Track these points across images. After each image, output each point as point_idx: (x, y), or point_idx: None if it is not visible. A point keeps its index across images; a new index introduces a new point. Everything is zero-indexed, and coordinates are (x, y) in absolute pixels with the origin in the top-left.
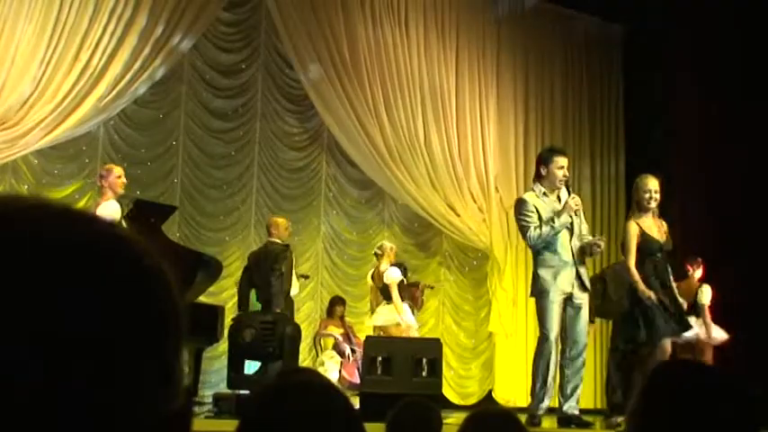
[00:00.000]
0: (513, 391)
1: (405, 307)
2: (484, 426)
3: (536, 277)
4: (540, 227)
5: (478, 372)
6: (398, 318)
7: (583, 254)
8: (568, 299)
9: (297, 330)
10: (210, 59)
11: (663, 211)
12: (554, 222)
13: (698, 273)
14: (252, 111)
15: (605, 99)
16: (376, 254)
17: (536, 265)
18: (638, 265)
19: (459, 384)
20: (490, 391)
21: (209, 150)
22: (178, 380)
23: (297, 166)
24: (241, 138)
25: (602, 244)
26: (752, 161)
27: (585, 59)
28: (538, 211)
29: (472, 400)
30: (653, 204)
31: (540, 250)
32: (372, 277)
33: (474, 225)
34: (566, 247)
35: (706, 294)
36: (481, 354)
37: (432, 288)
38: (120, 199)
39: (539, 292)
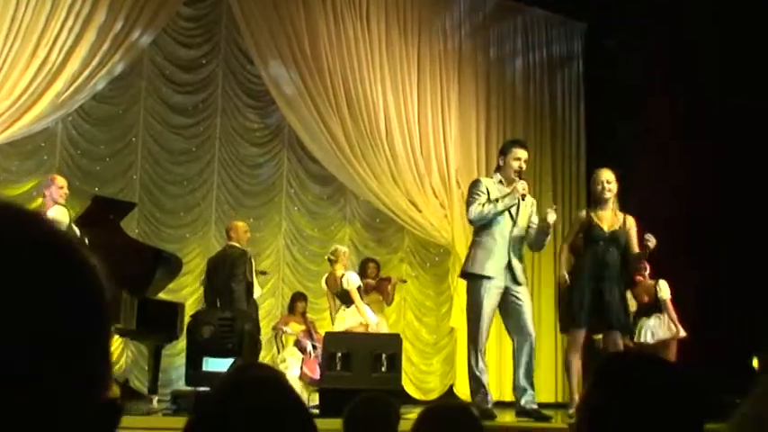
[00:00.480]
0: None
1: (366, 308)
2: (439, 420)
3: (470, 257)
4: (484, 204)
5: (440, 367)
6: (362, 320)
7: (538, 242)
8: (505, 292)
9: (256, 327)
10: (170, 55)
11: (623, 208)
12: (497, 202)
13: (646, 271)
14: (212, 106)
15: (567, 96)
16: (330, 259)
17: (471, 245)
18: (581, 251)
19: (421, 380)
20: (451, 386)
21: (169, 146)
22: (106, 373)
23: (258, 162)
24: (201, 134)
25: (553, 214)
26: (715, 159)
27: (547, 56)
28: (488, 193)
29: (433, 395)
30: (607, 195)
31: (479, 232)
32: (327, 282)
33: (436, 221)
34: (504, 236)
35: (664, 289)
36: (442, 349)
37: (404, 282)
38: (80, 195)
39: (471, 274)
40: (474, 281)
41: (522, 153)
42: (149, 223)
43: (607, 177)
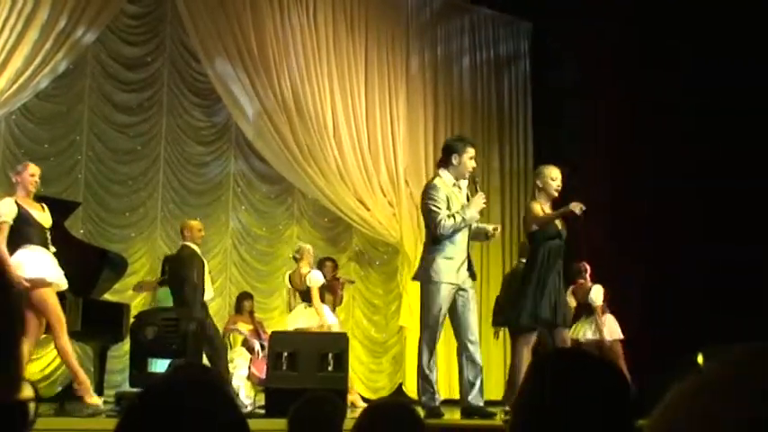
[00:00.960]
0: None
1: (325, 308)
2: (381, 418)
3: (429, 262)
4: (454, 217)
5: (389, 366)
6: (320, 320)
7: (474, 238)
8: (457, 292)
9: (200, 327)
10: (115, 52)
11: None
12: (465, 215)
13: (587, 273)
14: (157, 105)
15: (514, 94)
16: (294, 257)
17: (431, 251)
18: (539, 246)
19: (370, 379)
20: (400, 385)
21: (114, 145)
22: (15, 374)
23: (204, 160)
24: (146, 132)
25: (496, 233)
26: (657, 157)
27: (494, 55)
28: (448, 201)
29: (383, 394)
30: (556, 192)
31: (440, 240)
32: (291, 279)
33: (384, 219)
34: (464, 242)
35: (597, 294)
36: (391, 348)
37: (353, 283)
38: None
39: (428, 279)
40: (429, 284)
41: (473, 152)
42: (94, 223)
43: (558, 174)
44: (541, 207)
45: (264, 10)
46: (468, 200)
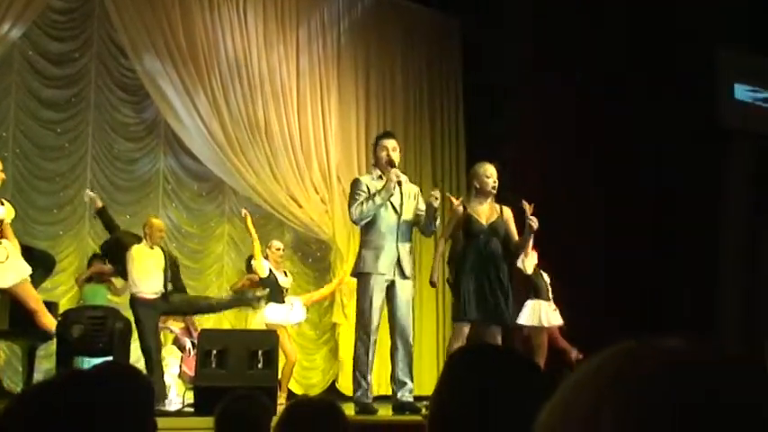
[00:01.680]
0: None
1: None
2: (302, 415)
3: (359, 257)
4: (363, 203)
5: (322, 362)
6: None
7: (431, 222)
8: (391, 285)
9: (127, 325)
10: (42, 48)
11: (499, 200)
12: (375, 197)
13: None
14: (85, 101)
15: (445, 90)
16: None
17: (361, 244)
18: (464, 247)
19: (303, 375)
20: (334, 382)
21: (41, 142)
22: None
23: (133, 157)
24: (74, 129)
25: (437, 197)
26: (591, 154)
27: (426, 50)
28: (369, 192)
29: (316, 391)
30: (493, 189)
31: (366, 231)
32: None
33: (316, 216)
34: (391, 230)
35: (528, 263)
36: (325, 345)
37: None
38: None
39: (360, 271)
40: (364, 278)
41: (389, 143)
42: (20, 220)
43: (492, 171)
44: (465, 206)
45: (193, 6)
46: (406, 195)
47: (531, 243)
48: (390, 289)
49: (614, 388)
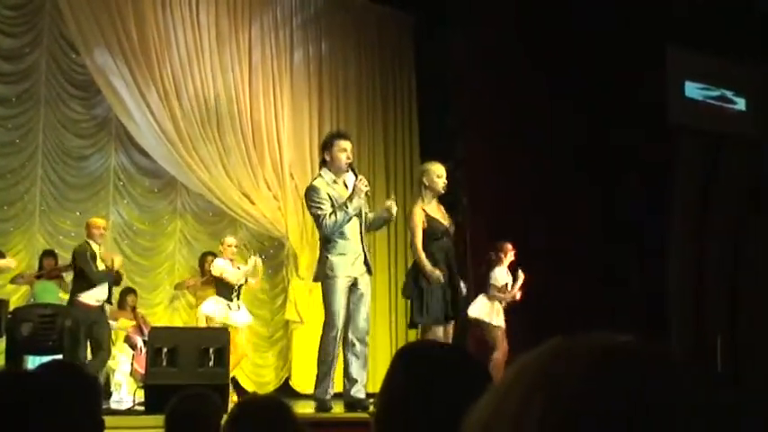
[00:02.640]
0: (309, 380)
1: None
2: (250, 413)
3: (324, 261)
4: (335, 213)
5: (275, 360)
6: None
7: (376, 226)
8: (353, 284)
9: (77, 323)
10: None
11: (453, 201)
12: (347, 207)
13: (510, 257)
14: (35, 97)
15: (399, 88)
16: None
17: (325, 249)
18: (425, 248)
19: (256, 373)
20: (287, 380)
21: None
22: None
23: (84, 154)
24: (24, 124)
25: (393, 207)
26: (542, 152)
27: (379, 46)
28: (331, 199)
29: (269, 389)
30: (443, 189)
31: (331, 237)
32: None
33: (269, 213)
34: (356, 234)
35: (499, 276)
36: (277, 342)
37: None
38: None
39: (325, 276)
40: (331, 283)
41: (345, 144)
42: None
43: (442, 171)
44: (423, 209)
45: (145, 1)
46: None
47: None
48: (352, 288)
49: (542, 384)
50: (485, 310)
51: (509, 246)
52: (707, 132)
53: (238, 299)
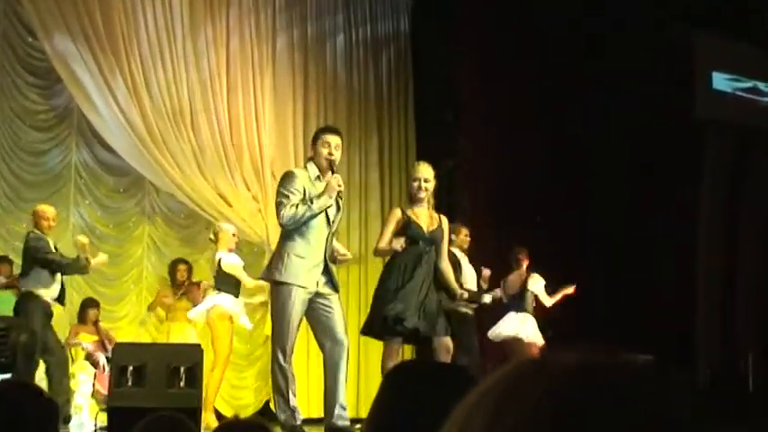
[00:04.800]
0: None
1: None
2: None
3: (276, 261)
4: (298, 206)
5: (254, 381)
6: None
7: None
8: (316, 298)
9: (33, 338)
10: None
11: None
12: (311, 203)
13: (526, 262)
14: None
15: (394, 78)
16: (210, 239)
17: (281, 247)
18: (401, 252)
19: (233, 396)
20: (267, 402)
21: None
22: None
23: (42, 149)
24: None
25: (345, 259)
26: (543, 146)
27: (371, 34)
28: (305, 193)
29: (248, 412)
30: (422, 195)
31: (293, 235)
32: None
33: (248, 216)
34: (321, 242)
35: (536, 282)
36: (257, 360)
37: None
38: None
39: (276, 277)
40: (283, 289)
41: (331, 138)
42: None
43: (425, 175)
44: (402, 210)
45: None
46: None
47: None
48: (315, 303)
49: (503, 406)
50: (516, 325)
51: (525, 252)
52: (736, 127)
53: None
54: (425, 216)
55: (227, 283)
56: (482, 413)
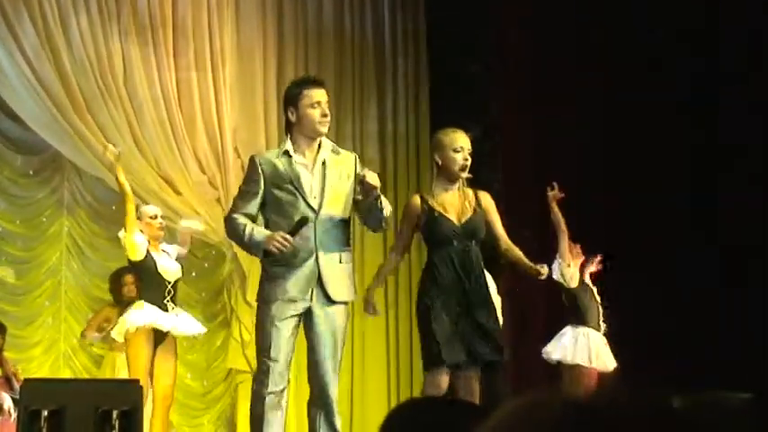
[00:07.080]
0: None
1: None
2: None
3: (262, 275)
4: (246, 224)
5: (213, 428)
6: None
7: (373, 208)
8: (308, 313)
9: None
10: None
11: (481, 177)
12: (252, 237)
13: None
14: None
15: (400, 23)
16: None
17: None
18: (430, 255)
19: None
20: None
21: None
22: None
23: None
24: None
25: (371, 174)
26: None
27: None
28: (265, 183)
29: None
30: (464, 172)
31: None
32: None
33: (203, 208)
34: (304, 236)
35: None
36: (217, 401)
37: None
38: None
39: (258, 294)
40: (263, 308)
41: (318, 94)
42: None
43: (462, 143)
44: (423, 198)
45: None
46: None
47: (566, 243)
48: (308, 320)
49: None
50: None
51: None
52: None
53: (174, 303)
54: (456, 202)
55: (148, 287)
56: None
